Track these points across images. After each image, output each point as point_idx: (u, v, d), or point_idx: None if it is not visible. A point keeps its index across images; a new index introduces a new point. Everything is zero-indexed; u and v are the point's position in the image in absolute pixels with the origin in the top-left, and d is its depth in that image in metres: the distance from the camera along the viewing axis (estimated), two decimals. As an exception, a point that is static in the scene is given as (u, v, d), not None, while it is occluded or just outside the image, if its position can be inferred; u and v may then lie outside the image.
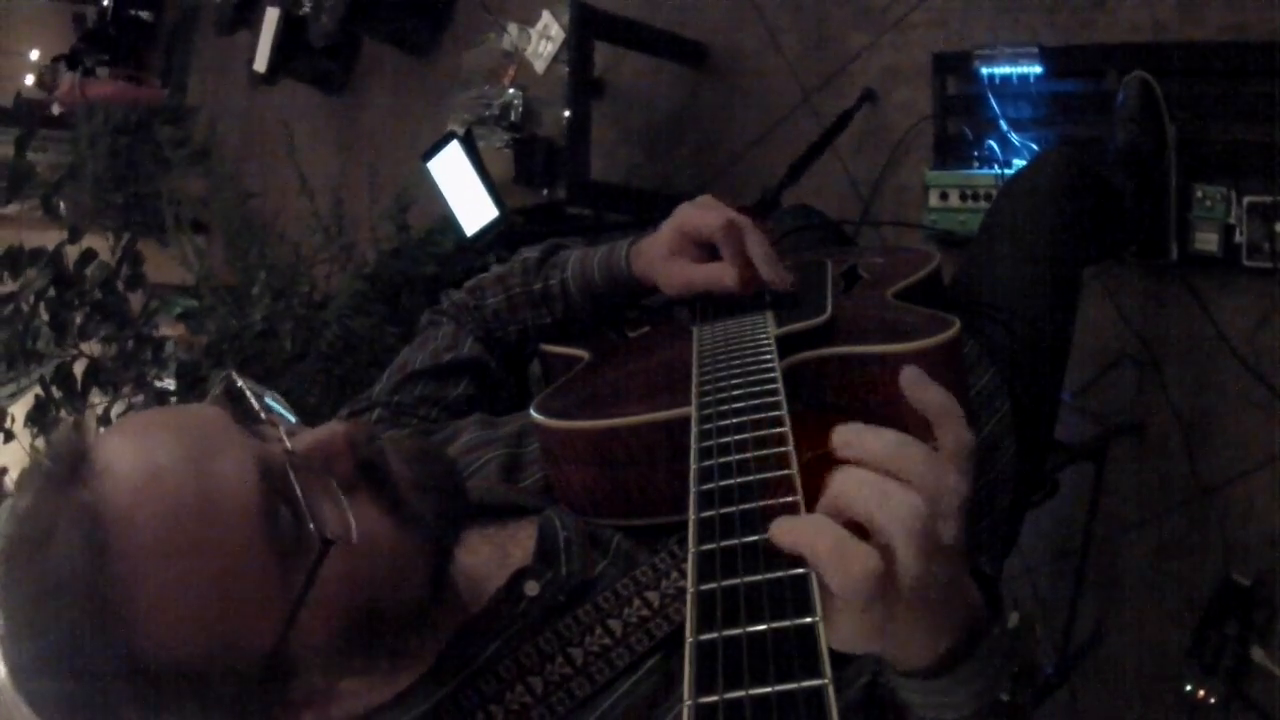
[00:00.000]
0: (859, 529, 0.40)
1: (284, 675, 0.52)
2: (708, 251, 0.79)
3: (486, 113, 2.07)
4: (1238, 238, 1.39)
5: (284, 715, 0.54)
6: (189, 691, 0.50)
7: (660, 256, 0.80)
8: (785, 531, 0.40)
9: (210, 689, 0.50)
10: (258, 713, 0.53)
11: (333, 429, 0.56)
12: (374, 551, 0.54)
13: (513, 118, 2.08)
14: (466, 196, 1.98)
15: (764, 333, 0.68)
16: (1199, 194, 1.41)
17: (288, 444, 0.54)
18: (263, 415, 0.57)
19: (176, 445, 0.52)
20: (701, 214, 0.78)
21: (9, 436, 2.16)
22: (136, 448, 0.51)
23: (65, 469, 0.51)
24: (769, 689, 0.34)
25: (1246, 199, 1.38)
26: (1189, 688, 1.34)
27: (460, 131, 2.00)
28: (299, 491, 0.52)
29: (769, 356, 0.61)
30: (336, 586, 0.52)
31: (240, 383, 0.58)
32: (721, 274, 0.76)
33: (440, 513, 0.59)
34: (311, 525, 0.51)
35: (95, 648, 0.48)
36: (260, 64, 3.59)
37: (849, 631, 0.42)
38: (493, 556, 0.64)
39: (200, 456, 0.51)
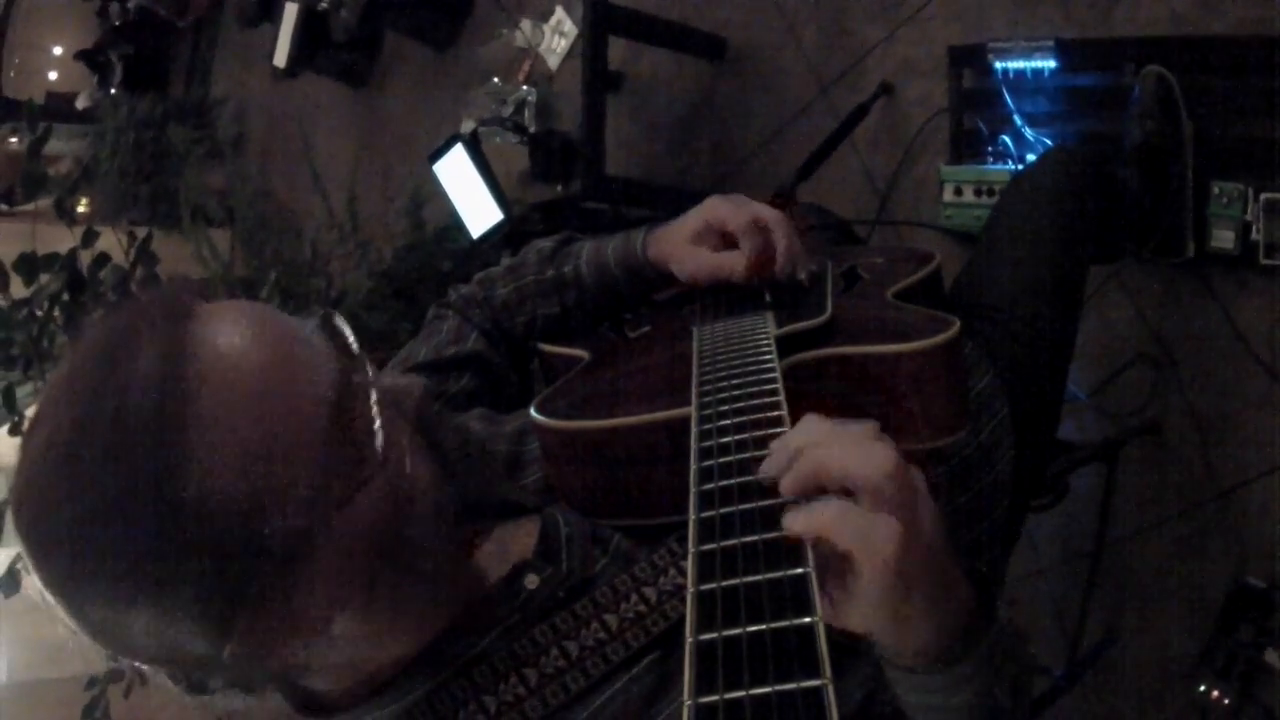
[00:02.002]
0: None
1: (292, 574, 0.51)
2: (730, 245, 0.80)
3: (500, 109, 2.08)
4: (1254, 235, 1.36)
5: (274, 627, 0.52)
6: (202, 542, 0.48)
7: (681, 241, 0.82)
8: (799, 519, 0.42)
9: (222, 549, 0.49)
10: (251, 604, 0.50)
11: (413, 378, 0.61)
12: (414, 492, 0.56)
13: (526, 114, 2.08)
14: (472, 199, 1.99)
15: (764, 333, 0.68)
16: (1216, 191, 1.38)
17: (371, 374, 0.57)
18: (354, 349, 0.58)
19: (275, 326, 0.55)
20: (731, 208, 0.80)
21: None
22: (239, 314, 0.54)
23: (165, 310, 0.53)
24: (769, 689, 0.35)
25: (1264, 196, 1.35)
26: (1202, 689, 1.33)
27: (465, 133, 2.01)
28: (375, 404, 0.54)
29: (769, 357, 0.62)
30: (372, 509, 0.54)
31: (336, 320, 0.60)
32: (734, 263, 0.78)
33: (477, 485, 0.62)
34: (380, 436, 0.53)
35: (139, 460, 0.48)
36: (280, 59, 3.61)
37: (859, 609, 0.44)
38: (494, 552, 0.65)
39: (296, 346, 0.54)
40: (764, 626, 0.38)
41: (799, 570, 0.41)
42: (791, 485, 0.44)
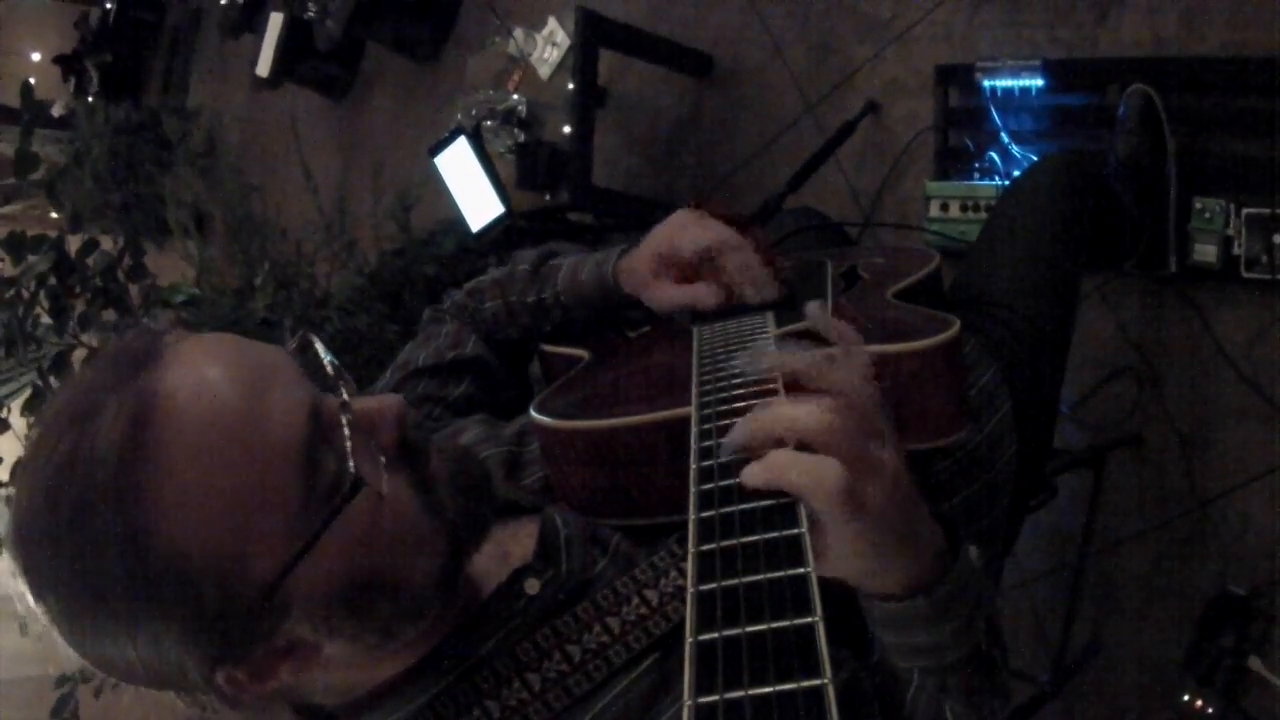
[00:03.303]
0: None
1: (275, 614, 0.52)
2: (692, 269, 0.79)
3: (489, 120, 2.08)
4: (1236, 250, 1.39)
5: (262, 660, 0.53)
6: (180, 597, 0.49)
7: (645, 274, 0.81)
8: (757, 473, 0.45)
9: (202, 602, 0.50)
10: (238, 645, 0.52)
11: (389, 398, 0.58)
12: (394, 521, 0.56)
13: (515, 122, 2.09)
14: (472, 193, 1.99)
15: (764, 333, 0.68)
16: (1198, 206, 1.41)
17: (345, 397, 0.56)
18: (329, 372, 0.58)
19: (244, 366, 0.54)
20: (677, 236, 0.79)
21: (4, 426, 2.17)
22: (207, 357, 0.54)
23: (132, 359, 0.53)
24: (769, 689, 0.35)
25: (1245, 211, 1.38)
26: (1185, 698, 1.34)
27: (468, 127, 2.01)
28: (347, 436, 0.53)
29: None
30: (351, 540, 0.53)
31: (315, 342, 0.60)
32: (700, 295, 0.77)
33: (466, 515, 0.60)
34: (351, 464, 0.52)
35: (108, 523, 0.48)
36: (263, 68, 3.60)
37: (839, 551, 0.47)
38: (493, 554, 0.64)
39: (263, 382, 0.54)
40: (764, 626, 0.38)
41: (799, 570, 0.41)
42: (740, 440, 0.48)
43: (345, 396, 0.56)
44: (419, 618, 0.58)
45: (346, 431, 0.53)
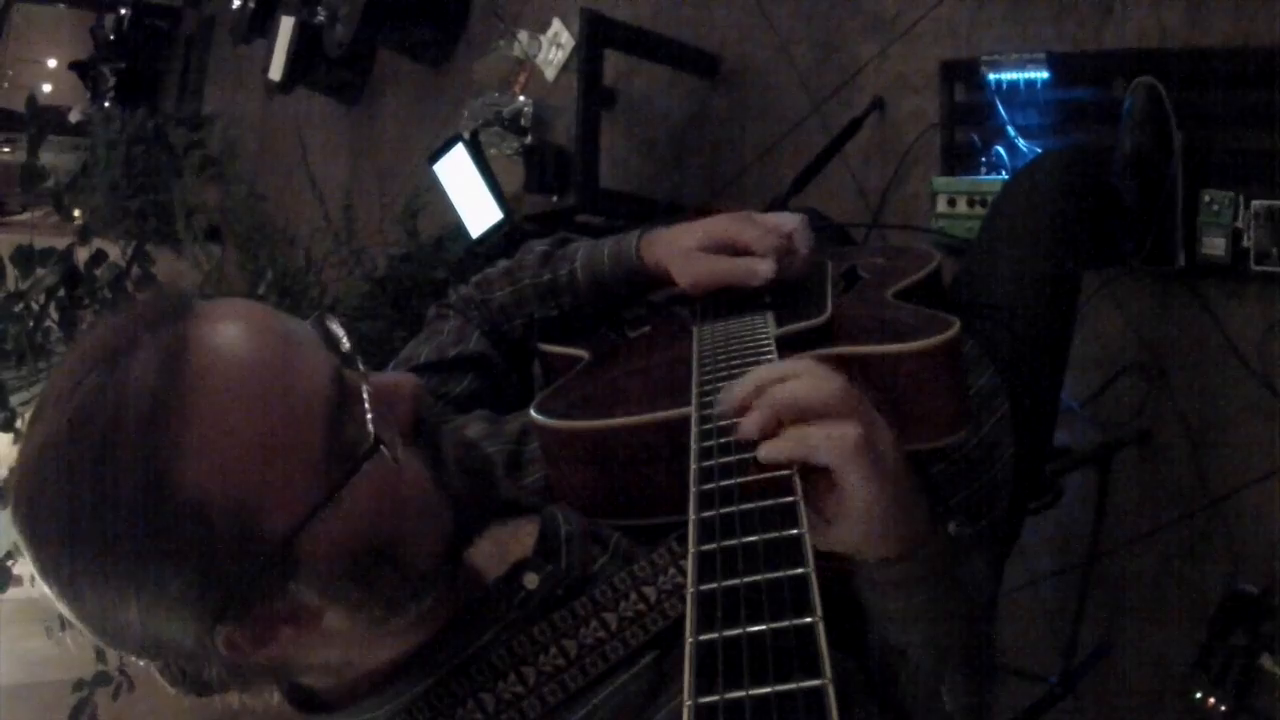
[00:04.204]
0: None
1: (284, 571, 0.52)
2: (735, 254, 0.80)
3: (496, 124, 2.09)
4: (1245, 242, 1.37)
5: (263, 621, 0.53)
6: (195, 541, 0.49)
7: (685, 249, 0.81)
8: (779, 446, 0.48)
9: (215, 550, 0.50)
10: (243, 601, 0.51)
11: (406, 376, 0.60)
12: (407, 491, 0.56)
13: (522, 124, 2.10)
14: (472, 199, 2.01)
15: (764, 333, 0.68)
16: (1206, 199, 1.40)
17: (364, 370, 0.57)
18: (346, 347, 0.59)
19: (273, 326, 0.56)
20: (756, 233, 0.79)
21: (18, 437, 2.19)
22: (238, 314, 0.55)
23: (163, 310, 0.54)
24: (769, 689, 0.35)
25: (1254, 204, 1.36)
26: (1197, 696, 1.33)
27: (465, 134, 2.02)
28: (368, 405, 0.54)
29: (769, 356, 0.62)
30: (365, 504, 0.54)
31: (333, 321, 0.61)
32: (759, 268, 0.77)
33: (472, 496, 0.60)
34: (371, 428, 0.53)
35: (133, 459, 0.48)
36: (275, 73, 3.63)
37: (853, 514, 0.50)
38: (493, 551, 0.64)
39: (292, 341, 0.55)
40: (764, 627, 0.38)
41: (799, 570, 0.41)
42: (757, 425, 0.50)
43: (361, 367, 0.57)
44: (420, 597, 0.58)
45: (367, 401, 0.54)
